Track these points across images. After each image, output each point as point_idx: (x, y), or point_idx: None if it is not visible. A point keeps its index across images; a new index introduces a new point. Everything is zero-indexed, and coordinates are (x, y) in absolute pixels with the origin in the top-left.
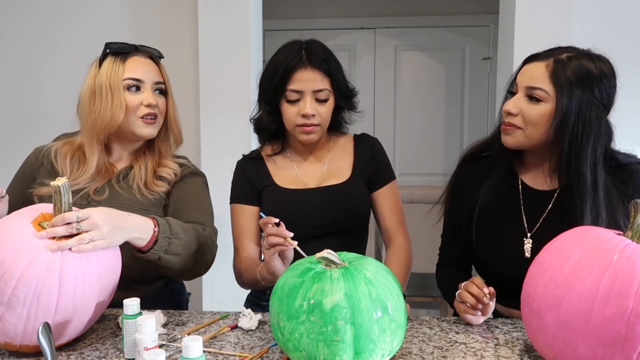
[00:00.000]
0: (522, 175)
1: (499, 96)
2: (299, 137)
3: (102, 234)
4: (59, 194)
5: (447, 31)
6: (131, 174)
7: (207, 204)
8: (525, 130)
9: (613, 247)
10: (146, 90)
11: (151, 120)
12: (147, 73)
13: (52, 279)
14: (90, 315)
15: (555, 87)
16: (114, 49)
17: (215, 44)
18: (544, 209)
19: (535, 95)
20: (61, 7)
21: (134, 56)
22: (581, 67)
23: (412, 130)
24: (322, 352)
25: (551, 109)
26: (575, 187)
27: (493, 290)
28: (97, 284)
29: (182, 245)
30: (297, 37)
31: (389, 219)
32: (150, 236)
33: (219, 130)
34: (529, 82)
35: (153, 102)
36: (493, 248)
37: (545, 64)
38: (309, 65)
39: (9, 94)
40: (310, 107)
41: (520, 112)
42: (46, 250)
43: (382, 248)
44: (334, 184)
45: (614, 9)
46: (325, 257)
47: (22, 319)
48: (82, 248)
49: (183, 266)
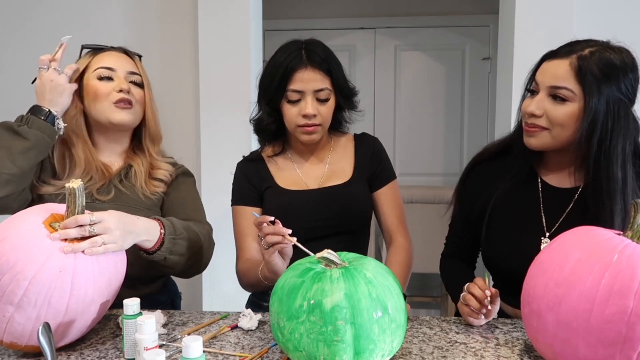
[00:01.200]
0: (542, 173)
1: (499, 96)
2: (300, 137)
3: (114, 237)
4: (73, 195)
5: (447, 31)
6: (132, 172)
7: (200, 202)
8: (551, 131)
9: (613, 247)
10: (118, 78)
11: (125, 105)
12: (119, 62)
13: (65, 282)
14: (94, 316)
15: (582, 86)
16: (89, 47)
17: (215, 44)
18: (565, 207)
19: (560, 94)
20: (62, 9)
21: (106, 51)
22: (606, 61)
23: (412, 130)
24: (322, 352)
25: (579, 108)
26: (605, 187)
27: (495, 291)
28: (106, 288)
29: (186, 245)
30: (297, 37)
31: (389, 218)
32: (157, 238)
33: (219, 130)
34: (552, 82)
35: (125, 87)
36: (506, 246)
37: (568, 62)
38: (309, 65)
39: (9, 95)
40: (311, 107)
41: (545, 113)
42: (60, 252)
43: (382, 248)
44: (335, 185)
45: (614, 8)
46: (325, 257)
47: (31, 320)
48: (95, 251)
49: (185, 265)
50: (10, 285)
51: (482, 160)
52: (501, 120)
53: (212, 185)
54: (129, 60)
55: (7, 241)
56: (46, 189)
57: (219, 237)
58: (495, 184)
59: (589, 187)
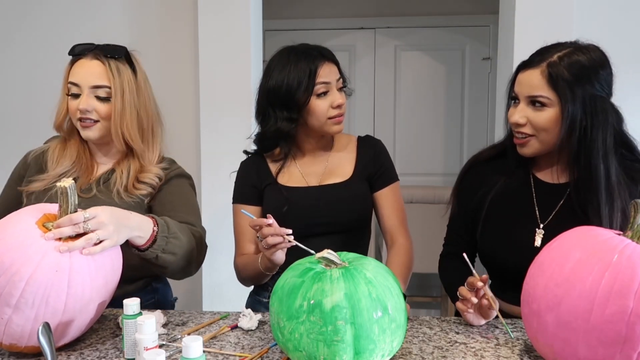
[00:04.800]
0: (534, 170)
1: (499, 96)
2: (331, 129)
3: (109, 232)
4: (65, 194)
5: (447, 31)
6: (112, 177)
7: (195, 204)
8: (538, 136)
9: (613, 247)
10: (82, 95)
11: (86, 124)
12: (85, 77)
13: (62, 281)
14: (92, 315)
15: (556, 92)
16: (75, 52)
17: (215, 44)
18: (557, 201)
19: (538, 101)
20: (62, 9)
21: (83, 59)
22: (575, 64)
23: (412, 130)
24: (322, 352)
25: (557, 112)
26: (588, 181)
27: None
28: (103, 285)
29: (179, 244)
30: (297, 37)
31: (390, 219)
32: (149, 235)
33: (219, 130)
34: (529, 92)
35: (82, 108)
36: (500, 238)
37: (540, 70)
38: (326, 60)
39: (10, 96)
40: (341, 97)
41: (528, 121)
42: (55, 251)
43: (382, 248)
44: (335, 183)
45: (614, 8)
46: (325, 257)
47: (29, 321)
48: (93, 250)
49: (177, 265)
50: (6, 287)
51: (478, 161)
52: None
53: (211, 185)
54: (99, 71)
55: (1, 243)
56: (35, 186)
57: (218, 237)
58: (490, 182)
59: (574, 183)
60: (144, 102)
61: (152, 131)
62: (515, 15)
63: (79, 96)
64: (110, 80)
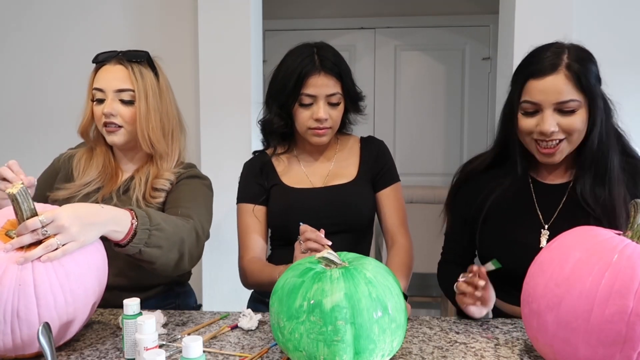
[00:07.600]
0: (532, 172)
1: (499, 96)
2: (311, 139)
3: (71, 235)
4: (16, 202)
5: (447, 31)
6: (132, 185)
7: (202, 201)
8: (569, 138)
9: (613, 247)
10: (107, 99)
11: (111, 128)
12: (109, 81)
13: (27, 294)
14: (80, 317)
15: (583, 92)
16: (99, 59)
17: (215, 44)
18: (558, 201)
19: (567, 107)
20: (62, 8)
21: (106, 65)
22: (584, 63)
23: (412, 130)
24: (322, 352)
25: (586, 111)
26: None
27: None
28: (79, 287)
29: (164, 236)
30: (296, 37)
31: (391, 219)
32: (127, 228)
33: (219, 130)
34: (557, 98)
35: (107, 111)
36: (504, 241)
37: (563, 75)
38: (322, 71)
39: (11, 97)
40: (323, 112)
41: (560, 127)
42: (15, 264)
43: (382, 248)
44: (340, 184)
45: (614, 8)
46: (325, 257)
47: (7, 335)
48: (52, 256)
49: (167, 258)
50: None
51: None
52: None
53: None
54: (122, 76)
55: None
56: (60, 194)
57: (219, 238)
58: (488, 188)
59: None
60: (166, 106)
61: (172, 135)
62: (515, 15)
63: (103, 101)
64: (133, 84)
